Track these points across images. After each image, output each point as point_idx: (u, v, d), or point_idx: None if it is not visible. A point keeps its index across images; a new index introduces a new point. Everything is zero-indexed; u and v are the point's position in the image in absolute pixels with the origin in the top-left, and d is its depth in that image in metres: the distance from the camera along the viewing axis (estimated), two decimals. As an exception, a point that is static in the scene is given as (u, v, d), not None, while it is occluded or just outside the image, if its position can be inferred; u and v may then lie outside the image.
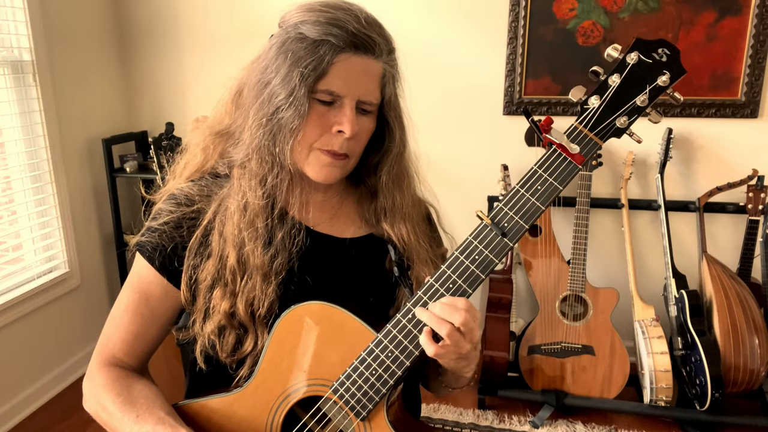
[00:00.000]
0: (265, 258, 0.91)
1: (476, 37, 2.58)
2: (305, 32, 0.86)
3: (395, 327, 0.83)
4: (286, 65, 0.87)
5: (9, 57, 2.33)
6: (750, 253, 2.36)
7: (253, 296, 0.91)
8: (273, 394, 0.90)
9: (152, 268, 0.94)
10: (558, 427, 2.31)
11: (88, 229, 2.77)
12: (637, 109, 0.79)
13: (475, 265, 0.81)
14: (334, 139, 0.89)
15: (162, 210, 0.96)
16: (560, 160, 0.80)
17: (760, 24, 2.30)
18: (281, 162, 0.91)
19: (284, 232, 0.93)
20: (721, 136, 2.47)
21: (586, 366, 2.37)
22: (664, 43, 0.78)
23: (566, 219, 2.61)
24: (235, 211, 0.92)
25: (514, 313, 2.56)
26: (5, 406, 2.33)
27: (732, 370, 2.17)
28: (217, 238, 0.93)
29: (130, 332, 0.96)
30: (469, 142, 2.68)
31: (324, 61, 0.85)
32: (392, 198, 0.99)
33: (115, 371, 0.95)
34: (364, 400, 0.85)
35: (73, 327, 2.67)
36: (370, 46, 0.87)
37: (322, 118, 0.88)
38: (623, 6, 2.41)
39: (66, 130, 2.59)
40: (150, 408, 0.88)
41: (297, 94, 0.86)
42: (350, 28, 0.86)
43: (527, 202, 0.80)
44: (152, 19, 2.88)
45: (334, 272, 0.98)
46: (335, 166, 0.92)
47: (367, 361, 0.84)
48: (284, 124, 0.88)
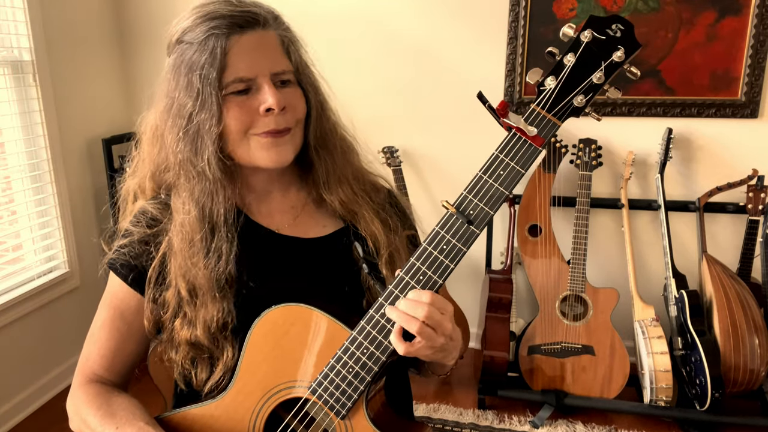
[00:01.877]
0: (206, 270, 0.91)
1: (476, 37, 2.58)
2: (189, 39, 0.87)
3: (369, 323, 0.83)
4: (184, 76, 0.87)
5: (9, 57, 2.33)
6: (750, 253, 2.35)
7: (208, 316, 0.91)
8: (253, 398, 0.90)
9: (124, 284, 0.96)
10: (558, 427, 2.31)
11: (88, 229, 2.77)
12: (594, 86, 0.78)
13: (444, 255, 0.80)
14: (267, 119, 0.87)
15: (129, 230, 0.98)
16: (520, 143, 0.79)
17: (760, 24, 2.30)
18: (205, 173, 0.89)
19: (217, 239, 0.92)
20: (721, 136, 2.46)
21: (586, 366, 2.37)
22: (618, 19, 0.78)
23: (566, 219, 2.61)
24: (177, 242, 0.92)
25: (514, 313, 2.56)
26: (5, 406, 2.33)
27: (732, 370, 2.17)
28: (171, 272, 0.93)
29: (108, 348, 0.98)
30: (468, 142, 2.68)
31: (218, 54, 0.84)
32: (323, 163, 0.97)
33: (96, 387, 0.96)
34: (343, 399, 0.84)
35: (73, 327, 2.67)
36: (253, 19, 0.87)
37: (244, 106, 0.87)
38: (623, 6, 2.41)
39: (66, 130, 2.59)
40: (130, 419, 0.89)
41: (204, 95, 0.85)
42: (225, 13, 0.85)
43: (491, 188, 0.80)
44: (152, 19, 2.88)
45: (304, 272, 0.97)
46: (281, 145, 0.90)
47: (343, 359, 0.84)
48: (201, 129, 0.87)
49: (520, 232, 2.50)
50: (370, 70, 2.66)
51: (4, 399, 2.33)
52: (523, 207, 2.51)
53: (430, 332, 0.79)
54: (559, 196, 2.56)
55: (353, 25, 2.63)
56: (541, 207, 2.48)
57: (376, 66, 2.67)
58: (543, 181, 2.49)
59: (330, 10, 2.64)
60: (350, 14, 2.64)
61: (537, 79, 0.80)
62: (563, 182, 2.60)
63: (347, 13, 2.64)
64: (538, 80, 0.80)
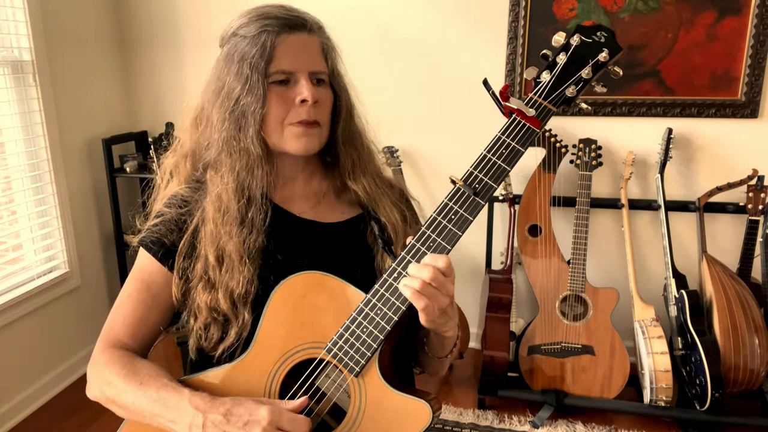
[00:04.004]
0: (239, 239, 0.98)
1: (476, 37, 2.58)
2: (243, 33, 0.99)
3: (382, 286, 0.90)
4: (236, 63, 0.98)
5: (9, 57, 2.33)
6: (750, 253, 2.36)
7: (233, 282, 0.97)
8: (270, 361, 0.94)
9: (154, 258, 1.01)
10: (558, 427, 2.31)
11: (88, 229, 2.77)
12: (583, 80, 0.89)
13: (452, 224, 0.89)
14: (300, 109, 0.98)
15: (161, 211, 1.05)
16: (520, 126, 0.90)
17: (760, 24, 2.30)
18: (248, 149, 0.99)
19: (254, 210, 1.00)
20: (721, 136, 2.46)
21: (586, 366, 2.37)
22: (601, 27, 0.90)
23: (566, 219, 2.61)
24: (212, 212, 1.00)
25: (514, 313, 2.56)
26: (5, 406, 2.33)
27: (732, 370, 2.17)
28: (202, 242, 1.00)
29: (133, 317, 1.02)
30: (468, 142, 2.67)
31: (268, 47, 0.96)
32: (350, 156, 1.07)
33: (119, 351, 1.00)
34: (357, 356, 0.90)
35: (73, 327, 2.67)
36: (302, 23, 0.99)
37: (283, 96, 0.98)
38: (623, 6, 2.41)
39: (66, 130, 2.59)
40: (153, 376, 0.94)
41: (252, 80, 0.96)
42: (279, 15, 0.98)
43: (494, 165, 0.89)
44: (152, 19, 2.88)
45: (320, 253, 1.04)
46: (310, 135, 1.00)
47: (358, 320, 0.90)
48: (246, 111, 0.97)
49: (520, 232, 2.50)
50: (370, 70, 2.66)
51: (4, 399, 2.33)
52: (523, 207, 2.51)
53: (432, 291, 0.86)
54: (559, 196, 2.56)
55: (353, 25, 2.63)
56: (541, 207, 2.49)
57: (376, 66, 2.67)
58: (543, 181, 2.49)
59: (330, 10, 2.64)
60: (350, 14, 2.64)
61: (533, 75, 0.92)
62: (563, 182, 2.60)
63: (347, 13, 2.64)
64: (534, 76, 0.92)
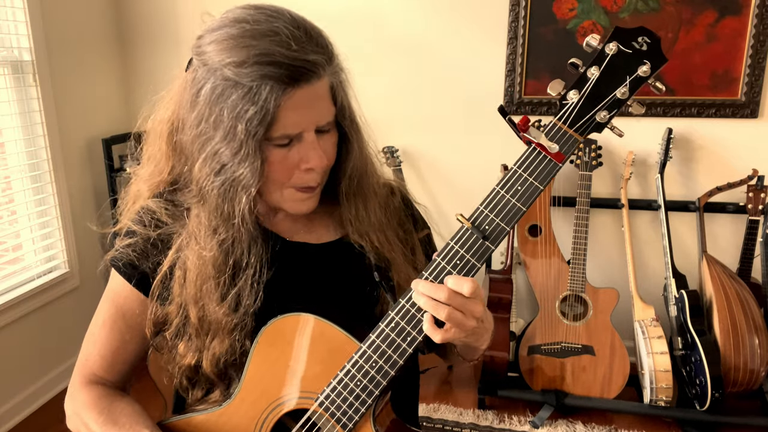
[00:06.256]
0: (223, 312, 0.87)
1: (476, 37, 2.58)
2: (235, 78, 0.77)
3: (379, 336, 0.81)
4: (226, 119, 0.78)
5: (9, 57, 2.33)
6: (750, 253, 2.35)
7: (222, 351, 0.89)
8: (259, 407, 0.88)
9: (128, 284, 0.93)
10: (558, 427, 2.31)
11: (88, 229, 2.77)
12: (618, 102, 0.75)
13: (457, 270, 0.78)
14: (306, 176, 0.85)
15: (131, 228, 0.94)
16: (540, 159, 0.77)
17: (760, 24, 2.30)
18: (237, 226, 0.85)
19: (244, 277, 0.87)
20: (721, 136, 2.46)
21: (586, 366, 2.37)
22: (645, 31, 0.74)
23: (566, 219, 2.61)
24: (194, 269, 0.88)
25: (514, 313, 2.56)
26: (5, 406, 2.33)
27: (732, 370, 2.17)
28: (178, 288, 0.90)
29: (109, 349, 0.95)
30: (468, 143, 2.68)
31: (269, 109, 0.76)
32: (355, 208, 0.94)
33: (98, 389, 0.94)
34: (350, 412, 0.83)
35: (73, 327, 2.67)
36: (310, 70, 0.78)
37: (286, 160, 0.83)
38: (623, 6, 2.41)
39: (66, 130, 2.59)
40: (132, 426, 0.88)
41: (247, 150, 0.79)
42: (283, 61, 0.76)
43: (507, 204, 0.77)
44: (152, 19, 2.88)
45: (313, 278, 0.95)
46: (312, 198, 0.89)
47: (351, 372, 0.82)
48: (236, 182, 0.81)
49: (520, 232, 2.50)
50: (370, 70, 2.66)
51: (4, 399, 2.33)
52: (523, 207, 2.51)
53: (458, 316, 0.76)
54: (559, 196, 2.56)
55: (353, 25, 2.63)
56: (541, 207, 2.48)
57: (376, 66, 2.67)
58: (543, 181, 2.49)
59: (329, 11, 2.64)
60: (349, 14, 2.64)
61: (559, 91, 0.76)
62: (563, 182, 2.60)
63: (346, 13, 2.64)
64: (560, 92, 0.76)
